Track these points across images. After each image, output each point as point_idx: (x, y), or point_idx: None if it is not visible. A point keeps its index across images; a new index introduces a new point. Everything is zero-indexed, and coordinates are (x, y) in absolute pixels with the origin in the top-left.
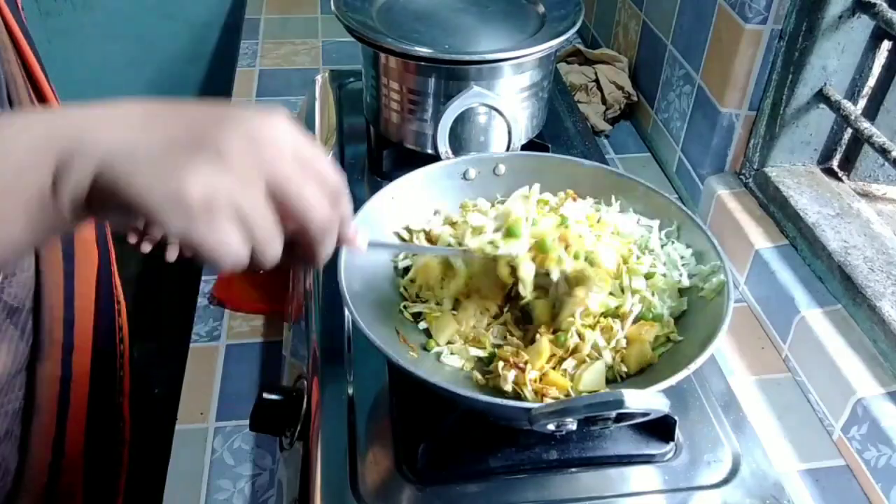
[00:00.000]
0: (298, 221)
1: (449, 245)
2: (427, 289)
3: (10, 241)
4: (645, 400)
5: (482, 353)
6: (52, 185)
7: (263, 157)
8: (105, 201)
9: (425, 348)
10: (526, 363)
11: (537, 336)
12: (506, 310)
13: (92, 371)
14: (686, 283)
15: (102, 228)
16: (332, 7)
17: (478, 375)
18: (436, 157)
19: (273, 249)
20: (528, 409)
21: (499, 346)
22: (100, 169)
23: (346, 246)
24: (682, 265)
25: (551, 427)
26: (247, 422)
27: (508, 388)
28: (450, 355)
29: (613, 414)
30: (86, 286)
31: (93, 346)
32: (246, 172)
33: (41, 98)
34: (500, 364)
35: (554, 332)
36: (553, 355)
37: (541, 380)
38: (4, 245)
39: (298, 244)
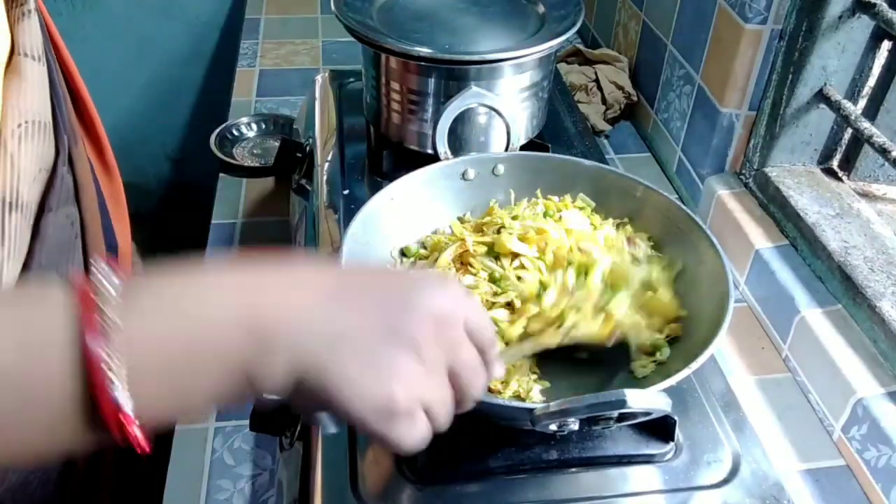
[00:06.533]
0: (461, 397)
1: None
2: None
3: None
4: (647, 399)
5: None
6: (243, 365)
7: (449, 343)
8: (305, 393)
9: None
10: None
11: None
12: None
13: None
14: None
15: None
16: (332, 7)
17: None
18: (436, 158)
19: (446, 424)
20: (531, 410)
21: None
22: (302, 362)
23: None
24: None
25: (553, 427)
26: (247, 422)
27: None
28: None
29: (615, 413)
30: None
31: None
32: (436, 363)
33: (79, 111)
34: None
35: None
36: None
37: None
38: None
39: None
